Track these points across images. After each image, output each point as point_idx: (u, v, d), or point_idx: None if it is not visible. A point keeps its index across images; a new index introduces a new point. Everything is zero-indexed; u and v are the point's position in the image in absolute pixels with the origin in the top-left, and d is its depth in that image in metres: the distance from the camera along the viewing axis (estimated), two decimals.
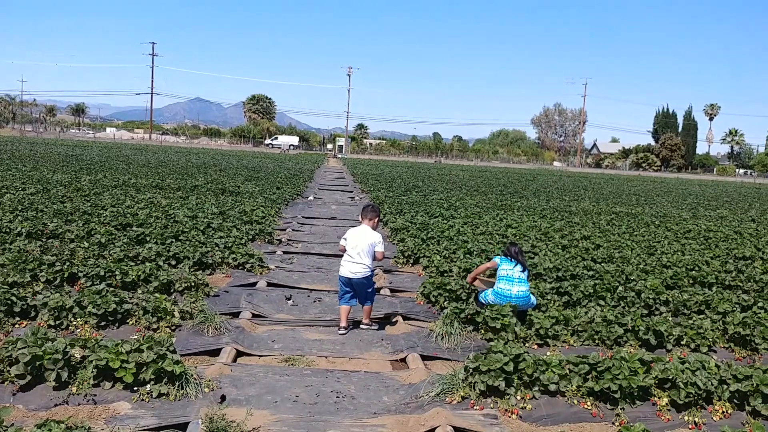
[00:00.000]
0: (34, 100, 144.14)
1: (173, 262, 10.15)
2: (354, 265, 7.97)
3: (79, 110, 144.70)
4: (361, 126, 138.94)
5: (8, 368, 5.42)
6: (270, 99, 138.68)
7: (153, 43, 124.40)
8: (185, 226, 12.95)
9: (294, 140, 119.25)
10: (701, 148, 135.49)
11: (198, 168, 35.73)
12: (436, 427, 5.24)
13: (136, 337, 6.12)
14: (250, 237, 13.33)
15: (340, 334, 7.85)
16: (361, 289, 8.04)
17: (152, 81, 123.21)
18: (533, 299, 8.24)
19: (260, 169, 39.28)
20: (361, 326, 8.14)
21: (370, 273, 8.04)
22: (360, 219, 8.48)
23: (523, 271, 8.20)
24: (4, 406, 4.87)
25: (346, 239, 8.17)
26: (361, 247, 7.99)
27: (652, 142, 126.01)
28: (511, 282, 8.10)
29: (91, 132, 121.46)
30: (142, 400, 5.43)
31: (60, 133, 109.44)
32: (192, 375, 5.76)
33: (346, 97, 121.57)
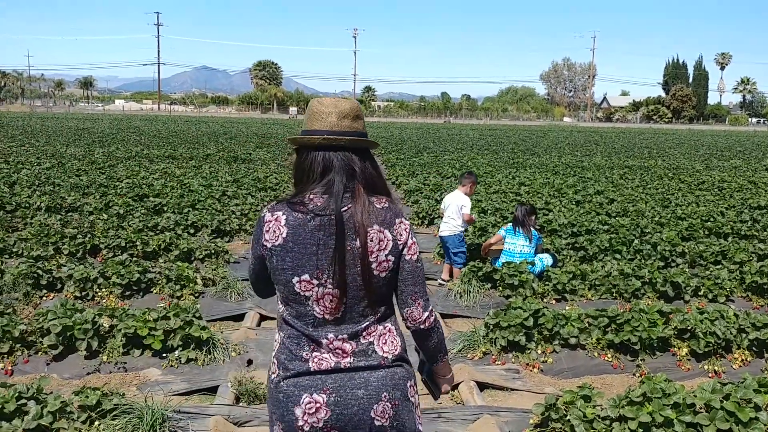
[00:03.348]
0: (42, 75, 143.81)
1: (192, 231, 10.26)
2: (443, 224, 8.73)
3: (87, 83, 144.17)
4: (368, 89, 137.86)
5: (41, 339, 5.56)
6: (276, 64, 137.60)
7: (158, 12, 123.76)
8: (201, 195, 13.05)
9: None
10: (713, 98, 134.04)
11: (209, 137, 35.80)
12: (460, 383, 5.35)
13: (162, 305, 6.24)
14: (266, 203, 13.41)
15: (438, 284, 8.52)
16: (450, 248, 8.65)
17: (158, 51, 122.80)
18: (540, 268, 8.08)
19: (270, 135, 39.28)
20: (438, 281, 8.66)
21: (458, 232, 8.59)
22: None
23: (528, 242, 8.21)
24: (42, 375, 5.01)
25: (442, 203, 9.00)
26: (450, 208, 8.64)
27: (663, 94, 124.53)
28: (512, 257, 8.17)
29: (100, 105, 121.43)
30: (171, 366, 5.56)
31: (69, 107, 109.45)
32: (219, 340, 5.88)
33: (353, 60, 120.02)
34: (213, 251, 8.86)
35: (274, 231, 2.25)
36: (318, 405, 2.23)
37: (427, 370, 2.65)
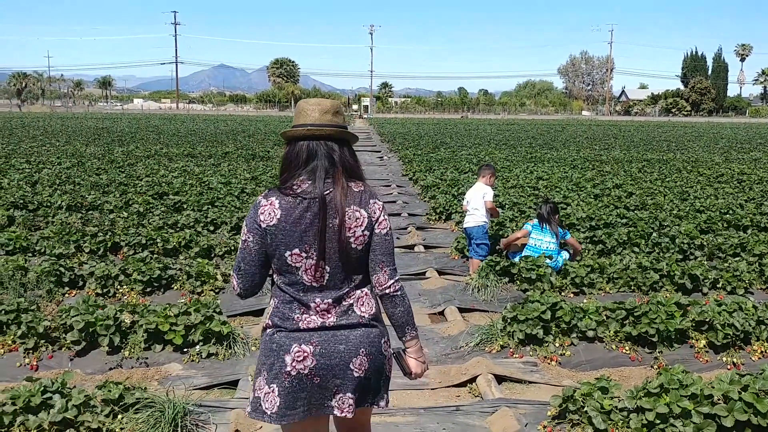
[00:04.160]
0: (62, 75, 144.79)
1: (211, 228, 10.35)
2: (468, 217, 8.71)
3: (105, 83, 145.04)
4: (385, 85, 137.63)
5: (64, 335, 5.66)
6: (293, 62, 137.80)
7: (175, 12, 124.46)
8: (220, 193, 13.15)
9: None
10: (732, 91, 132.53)
11: (227, 135, 35.99)
12: (478, 376, 5.38)
13: (182, 300, 6.32)
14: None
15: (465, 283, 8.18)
16: (473, 239, 8.61)
17: (176, 50, 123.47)
18: (561, 263, 8.06)
19: None
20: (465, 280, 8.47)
21: (482, 223, 8.56)
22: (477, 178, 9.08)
23: (554, 239, 8.14)
24: (66, 370, 5.10)
25: (464, 198, 8.97)
26: (474, 201, 8.63)
27: (682, 87, 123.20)
28: (538, 253, 8.10)
29: (119, 104, 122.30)
30: (192, 360, 5.64)
31: (88, 106, 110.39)
32: (239, 335, 5.95)
33: (369, 57, 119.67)
34: (233, 248, 8.93)
35: (269, 213, 2.68)
36: (305, 354, 2.68)
37: (399, 349, 2.95)
